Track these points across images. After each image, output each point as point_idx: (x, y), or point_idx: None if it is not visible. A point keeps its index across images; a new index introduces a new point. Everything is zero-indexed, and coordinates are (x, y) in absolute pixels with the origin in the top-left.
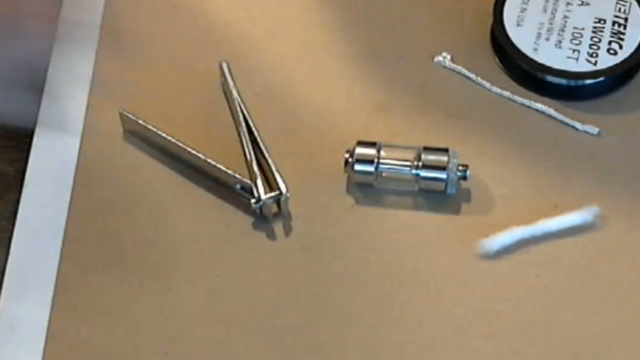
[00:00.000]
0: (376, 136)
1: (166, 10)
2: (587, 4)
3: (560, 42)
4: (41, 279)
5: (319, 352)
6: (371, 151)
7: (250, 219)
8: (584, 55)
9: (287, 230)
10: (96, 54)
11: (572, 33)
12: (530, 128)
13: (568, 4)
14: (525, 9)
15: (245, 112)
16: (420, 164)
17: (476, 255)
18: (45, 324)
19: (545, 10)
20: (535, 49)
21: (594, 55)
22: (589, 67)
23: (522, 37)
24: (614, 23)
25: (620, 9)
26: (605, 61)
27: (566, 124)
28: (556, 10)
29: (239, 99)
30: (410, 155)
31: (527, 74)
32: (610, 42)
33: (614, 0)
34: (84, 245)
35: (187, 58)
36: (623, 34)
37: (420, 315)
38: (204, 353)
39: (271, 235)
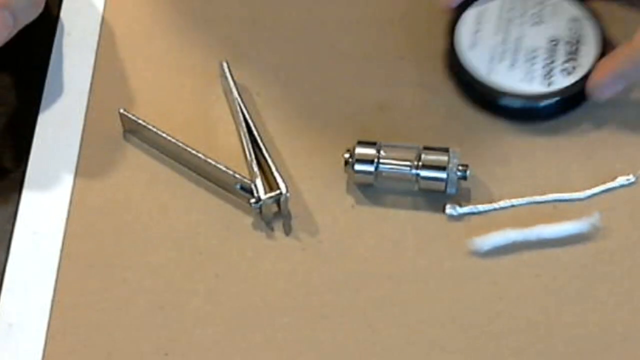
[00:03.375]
0: (376, 136)
1: (166, 10)
2: (541, 23)
3: (514, 63)
4: (41, 279)
5: (319, 352)
6: (371, 151)
7: (250, 219)
8: (539, 76)
9: (287, 230)
10: (96, 54)
11: (526, 54)
12: (531, 128)
13: (522, 24)
14: (478, 31)
15: (245, 112)
16: (420, 163)
17: (476, 255)
18: (45, 324)
19: (497, 32)
20: (489, 72)
21: (549, 76)
22: (544, 89)
23: (475, 60)
24: (567, 43)
25: (571, 29)
26: (561, 81)
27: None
28: (510, 31)
29: (239, 99)
30: (410, 155)
31: (482, 96)
32: (564, 62)
33: (566, 19)
34: (84, 245)
35: (187, 58)
36: (575, 53)
37: (420, 315)
38: (204, 353)
39: (271, 235)
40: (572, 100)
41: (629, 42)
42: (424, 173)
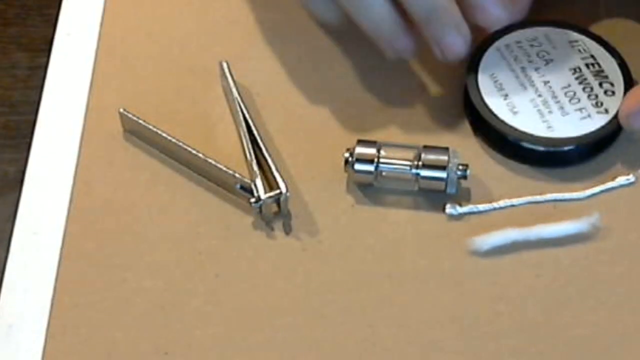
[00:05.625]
0: (376, 136)
1: (166, 10)
2: (551, 60)
3: (563, 107)
4: (41, 279)
5: (319, 352)
6: (371, 150)
7: (250, 219)
8: (590, 111)
9: (287, 230)
10: (96, 54)
11: (566, 93)
12: None
13: (537, 68)
14: (506, 95)
15: (245, 112)
16: (420, 163)
17: (476, 255)
18: (45, 324)
19: (524, 87)
20: (549, 129)
21: (599, 104)
22: (605, 117)
23: (527, 124)
24: (586, 65)
25: (579, 51)
26: (611, 104)
27: None
28: (533, 81)
29: (239, 99)
30: (410, 154)
31: (552, 155)
32: (601, 84)
33: (568, 44)
34: (84, 245)
35: (187, 58)
36: (602, 70)
37: (420, 315)
38: (204, 353)
39: (271, 235)
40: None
41: None
42: (424, 173)
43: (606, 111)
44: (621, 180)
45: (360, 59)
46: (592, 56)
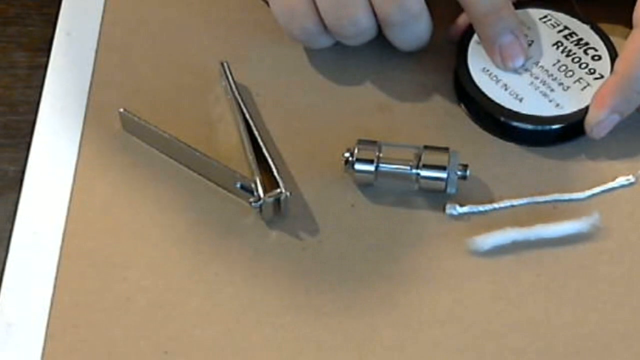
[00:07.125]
0: (376, 136)
1: (166, 10)
2: (532, 41)
3: (562, 83)
4: (41, 279)
5: (318, 352)
6: (371, 150)
7: (250, 219)
8: (587, 79)
9: (287, 230)
10: (96, 53)
11: (559, 68)
12: None
13: None
14: (506, 85)
15: (245, 112)
16: (420, 163)
17: (476, 255)
18: (45, 323)
19: (518, 72)
20: (558, 105)
21: (592, 71)
22: (603, 82)
23: (534, 109)
24: (565, 37)
25: (553, 24)
26: (602, 66)
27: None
28: (524, 65)
29: (239, 99)
30: (411, 154)
31: (563, 131)
32: (586, 52)
33: (539, 22)
34: (83, 245)
35: (187, 58)
36: (582, 39)
37: (420, 315)
38: (203, 352)
39: (271, 235)
40: None
41: (613, 74)
42: (424, 173)
43: (601, 76)
44: (621, 180)
45: (360, 59)
46: (567, 27)
